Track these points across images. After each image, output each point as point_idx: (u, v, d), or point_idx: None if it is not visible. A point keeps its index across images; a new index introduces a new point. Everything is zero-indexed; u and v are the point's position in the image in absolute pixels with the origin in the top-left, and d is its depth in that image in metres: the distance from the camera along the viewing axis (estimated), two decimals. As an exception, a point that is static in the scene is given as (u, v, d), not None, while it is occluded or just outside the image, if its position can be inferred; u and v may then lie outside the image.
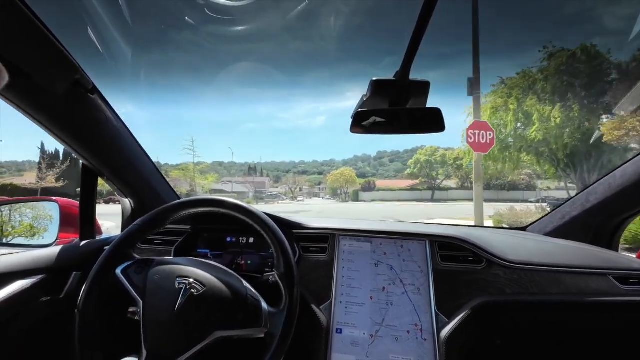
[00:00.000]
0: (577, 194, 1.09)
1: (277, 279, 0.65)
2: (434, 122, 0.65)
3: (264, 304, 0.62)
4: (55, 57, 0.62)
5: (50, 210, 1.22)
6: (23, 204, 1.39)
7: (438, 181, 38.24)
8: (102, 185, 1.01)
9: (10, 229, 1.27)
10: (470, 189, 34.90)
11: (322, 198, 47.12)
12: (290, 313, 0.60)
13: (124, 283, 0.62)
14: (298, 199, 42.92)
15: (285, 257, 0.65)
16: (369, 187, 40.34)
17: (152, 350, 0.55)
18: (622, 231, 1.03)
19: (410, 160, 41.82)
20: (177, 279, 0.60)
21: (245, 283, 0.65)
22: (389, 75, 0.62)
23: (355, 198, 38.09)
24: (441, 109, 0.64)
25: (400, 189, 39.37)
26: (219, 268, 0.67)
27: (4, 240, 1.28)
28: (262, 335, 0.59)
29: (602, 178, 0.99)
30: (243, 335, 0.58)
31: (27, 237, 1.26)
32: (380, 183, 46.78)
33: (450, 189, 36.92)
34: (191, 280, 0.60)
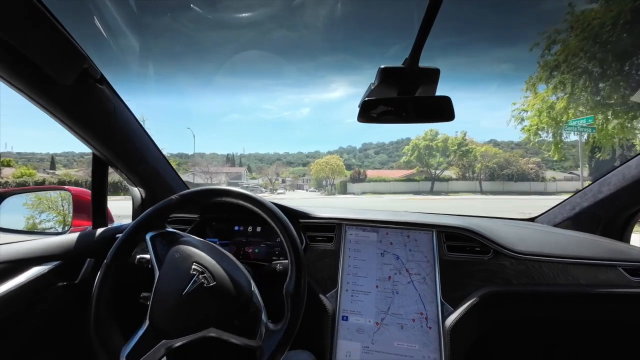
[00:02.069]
0: (588, 185, 1.06)
1: (284, 295, 0.63)
2: (443, 110, 0.64)
3: (264, 316, 0.61)
4: (64, 47, 0.62)
5: (63, 199, 1.25)
6: (36, 192, 1.42)
7: (437, 171, 33.49)
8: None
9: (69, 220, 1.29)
10: (472, 180, 31.91)
11: (307, 190, 41.17)
12: (288, 334, 0.59)
13: (149, 249, 0.64)
14: (278, 191, 36.34)
15: (298, 273, 0.63)
16: (358, 178, 35.11)
17: (154, 323, 0.56)
18: (634, 223, 1.01)
19: (407, 147, 36.36)
20: (193, 264, 0.61)
21: (253, 287, 0.64)
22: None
23: (343, 190, 33.61)
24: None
25: (395, 180, 34.09)
26: (234, 264, 0.66)
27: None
28: (253, 348, 0.58)
29: (615, 168, 0.96)
30: (235, 342, 0.57)
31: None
32: (371, 173, 40.03)
33: (451, 179, 32.91)
34: (205, 269, 0.60)
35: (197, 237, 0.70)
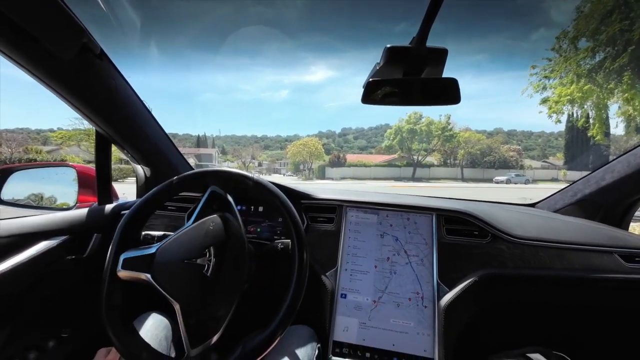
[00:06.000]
0: (591, 172, 1.06)
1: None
2: (449, 93, 0.62)
3: (206, 343, 0.57)
4: (62, 20, 0.60)
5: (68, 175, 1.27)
6: (40, 168, 1.43)
7: (419, 157, 32.22)
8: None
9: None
10: (454, 167, 30.76)
11: (284, 175, 38.64)
12: None
13: (203, 198, 0.69)
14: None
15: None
16: (337, 162, 33.32)
17: (155, 255, 0.57)
18: (634, 211, 1.02)
19: (389, 130, 34.84)
20: (213, 247, 0.61)
21: (226, 319, 0.61)
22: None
23: (321, 175, 31.96)
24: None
25: (376, 165, 32.63)
26: (233, 291, 0.64)
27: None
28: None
29: (621, 155, 0.96)
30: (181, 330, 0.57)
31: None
32: (351, 157, 38.50)
33: (433, 165, 32.04)
34: (214, 262, 0.60)
35: (242, 228, 0.70)
